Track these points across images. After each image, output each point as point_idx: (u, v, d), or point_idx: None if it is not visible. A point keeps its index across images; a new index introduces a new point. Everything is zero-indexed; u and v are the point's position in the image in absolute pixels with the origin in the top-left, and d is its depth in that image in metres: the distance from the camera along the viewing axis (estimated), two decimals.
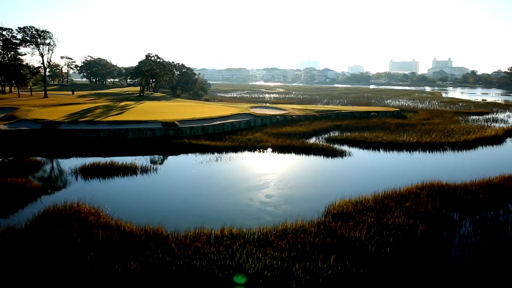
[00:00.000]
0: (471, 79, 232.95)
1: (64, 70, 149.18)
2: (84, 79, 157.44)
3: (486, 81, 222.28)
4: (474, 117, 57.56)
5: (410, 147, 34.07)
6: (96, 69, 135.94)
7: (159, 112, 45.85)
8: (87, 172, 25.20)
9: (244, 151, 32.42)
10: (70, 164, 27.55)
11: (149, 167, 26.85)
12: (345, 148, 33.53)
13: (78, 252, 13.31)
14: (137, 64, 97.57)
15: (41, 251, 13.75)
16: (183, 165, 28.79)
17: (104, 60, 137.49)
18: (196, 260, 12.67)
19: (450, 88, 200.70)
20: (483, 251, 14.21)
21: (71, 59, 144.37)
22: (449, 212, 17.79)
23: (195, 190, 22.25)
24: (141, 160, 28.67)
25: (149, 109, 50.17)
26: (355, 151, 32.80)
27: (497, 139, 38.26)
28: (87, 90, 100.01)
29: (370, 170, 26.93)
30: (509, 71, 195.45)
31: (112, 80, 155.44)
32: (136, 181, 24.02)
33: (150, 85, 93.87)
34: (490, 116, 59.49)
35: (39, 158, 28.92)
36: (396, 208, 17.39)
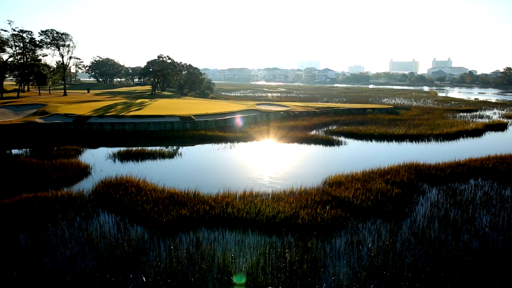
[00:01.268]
0: (468, 79, 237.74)
1: (72, 70, 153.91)
2: (92, 79, 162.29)
3: (482, 81, 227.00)
4: (462, 114, 62.29)
5: (398, 138, 38.82)
6: (104, 69, 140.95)
7: (174, 108, 50.63)
8: (123, 156, 29.97)
9: (253, 140, 37.21)
10: (106, 150, 32.29)
11: (174, 153, 31.66)
12: (341, 138, 38.29)
13: (140, 205, 18.04)
14: (145, 64, 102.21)
15: (111, 206, 18.53)
16: (203, 151, 33.57)
17: (111, 60, 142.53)
18: (228, 208, 17.41)
19: (448, 88, 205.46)
20: (441, 206, 18.90)
21: (79, 59, 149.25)
22: (421, 183, 22.53)
23: (216, 169, 27.03)
24: (166, 148, 33.44)
25: (164, 105, 55.01)
26: (350, 141, 37.57)
27: (477, 132, 42.97)
28: (97, 89, 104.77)
29: (361, 155, 31.68)
30: (504, 71, 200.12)
31: (119, 79, 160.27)
32: (166, 162, 28.80)
33: (158, 84, 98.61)
34: (477, 113, 64.19)
35: (78, 146, 33.61)
36: (378, 179, 22.12)
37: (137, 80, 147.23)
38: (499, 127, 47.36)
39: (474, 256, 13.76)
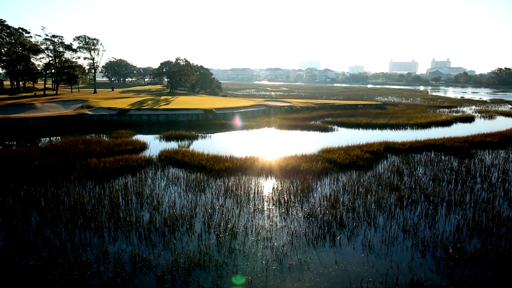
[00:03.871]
0: (462, 79, 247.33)
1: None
2: (104, 78, 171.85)
3: (476, 81, 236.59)
4: (442, 109, 71.57)
5: (380, 126, 48.25)
6: (117, 69, 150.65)
7: (196, 103, 60.09)
8: (166, 138, 39.44)
9: (264, 127, 46.67)
10: (151, 135, 41.74)
11: (204, 136, 41.12)
12: (335, 127, 47.74)
13: (197, 161, 27.47)
14: (155, 64, 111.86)
15: (175, 163, 27.96)
16: (225, 135, 43.04)
17: (125, 61, 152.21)
18: (255, 163, 26.84)
19: (443, 87, 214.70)
20: (396, 164, 28.22)
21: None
22: (386, 152, 31.95)
23: (239, 145, 36.43)
24: (197, 132, 42.90)
25: (186, 101, 64.49)
26: (342, 129, 47.01)
27: (446, 123, 52.34)
28: (116, 87, 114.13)
29: (348, 137, 41.01)
30: (496, 71, 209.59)
31: (130, 79, 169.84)
32: (200, 141, 38.24)
33: (171, 83, 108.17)
34: (456, 108, 73.51)
35: (129, 131, 42.98)
36: (356, 149, 31.50)
37: (147, 79, 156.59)
38: (467, 119, 56.73)
39: (406, 185, 23.19)
